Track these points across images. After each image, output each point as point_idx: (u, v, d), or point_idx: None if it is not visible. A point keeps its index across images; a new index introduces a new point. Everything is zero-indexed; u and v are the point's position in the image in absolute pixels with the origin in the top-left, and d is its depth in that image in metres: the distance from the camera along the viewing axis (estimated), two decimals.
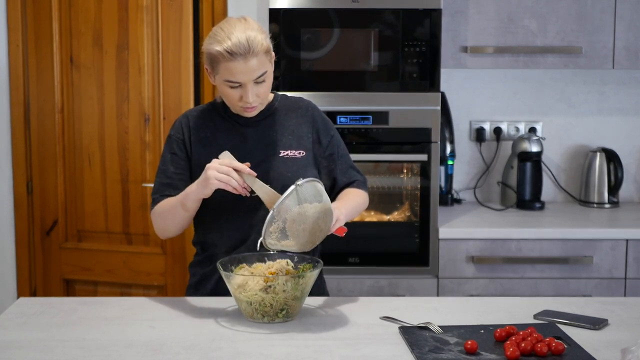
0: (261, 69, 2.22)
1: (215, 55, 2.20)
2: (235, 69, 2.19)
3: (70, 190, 3.59)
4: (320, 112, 2.45)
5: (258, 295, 2.08)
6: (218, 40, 2.20)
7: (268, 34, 2.26)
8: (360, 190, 2.45)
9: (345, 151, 2.48)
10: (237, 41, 2.17)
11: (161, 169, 2.37)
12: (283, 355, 1.90)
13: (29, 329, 2.07)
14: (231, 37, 2.18)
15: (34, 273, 3.68)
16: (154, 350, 1.93)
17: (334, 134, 2.44)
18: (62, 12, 3.51)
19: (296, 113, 2.41)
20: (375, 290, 3.31)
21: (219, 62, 2.20)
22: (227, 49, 2.17)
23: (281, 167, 2.33)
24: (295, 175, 2.29)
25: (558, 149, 3.89)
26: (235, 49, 2.17)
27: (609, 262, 3.30)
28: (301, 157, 2.36)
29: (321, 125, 2.42)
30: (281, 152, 2.35)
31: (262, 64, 2.21)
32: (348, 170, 2.46)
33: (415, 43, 3.24)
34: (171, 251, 3.51)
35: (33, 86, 3.59)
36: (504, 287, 3.31)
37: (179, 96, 3.44)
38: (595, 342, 1.99)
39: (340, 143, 2.46)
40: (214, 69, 2.24)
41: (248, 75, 2.20)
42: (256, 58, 2.19)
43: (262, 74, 2.22)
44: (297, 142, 2.37)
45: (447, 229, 3.31)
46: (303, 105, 2.43)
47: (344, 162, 2.45)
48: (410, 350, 1.93)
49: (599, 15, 3.46)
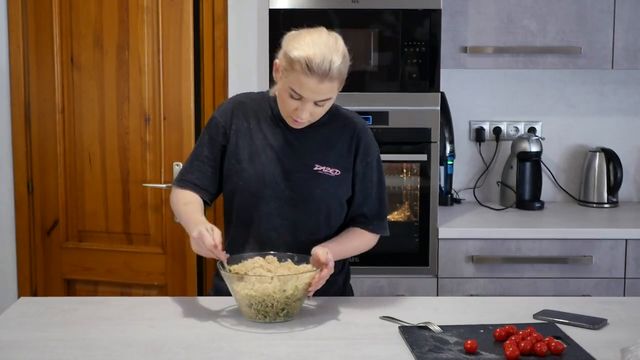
0: (329, 94, 2.17)
1: (293, 61, 2.13)
2: (305, 84, 2.13)
3: (71, 190, 3.59)
4: (368, 133, 2.37)
5: (258, 296, 2.08)
6: (302, 47, 2.12)
7: (349, 61, 2.20)
8: (367, 234, 2.37)
9: (380, 182, 2.38)
10: (320, 60, 2.11)
11: (196, 150, 2.35)
12: (283, 355, 1.91)
13: (30, 329, 2.07)
14: (315, 51, 2.11)
15: (34, 273, 3.68)
16: (154, 350, 1.93)
17: (371, 160, 2.36)
18: (62, 12, 3.51)
19: (343, 130, 2.34)
20: (375, 290, 3.31)
21: (293, 69, 2.13)
22: (308, 63, 2.11)
23: (311, 181, 2.29)
24: (325, 194, 2.28)
25: (557, 149, 3.90)
26: (316, 67, 2.10)
27: (609, 262, 3.31)
28: (335, 176, 2.30)
29: (362, 147, 2.34)
30: (316, 166, 2.30)
31: (331, 89, 2.17)
32: (373, 204, 2.37)
33: (415, 43, 3.24)
34: (171, 251, 3.52)
35: (34, 86, 3.59)
36: (504, 287, 3.31)
37: (179, 96, 3.44)
38: (594, 341, 1.99)
39: (376, 172, 2.37)
40: (285, 70, 2.16)
41: (314, 95, 2.15)
42: (330, 83, 2.14)
43: (326, 99, 2.18)
44: (335, 160, 2.31)
45: (446, 229, 3.31)
46: (352, 123, 2.36)
47: (372, 193, 2.37)
48: (410, 350, 1.93)
49: (598, 16, 3.46)
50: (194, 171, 2.33)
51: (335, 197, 2.32)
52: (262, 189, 2.28)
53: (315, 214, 2.30)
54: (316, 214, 2.30)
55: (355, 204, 2.36)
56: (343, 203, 2.35)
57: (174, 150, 3.45)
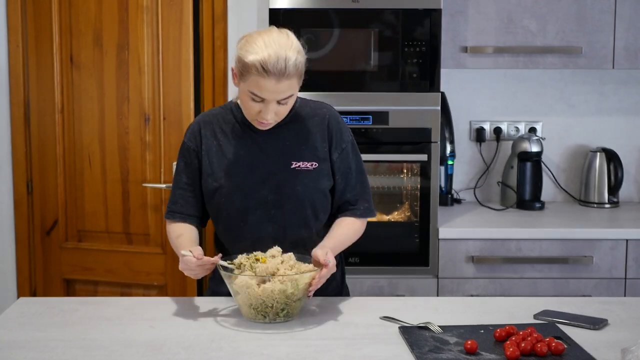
0: (289, 91, 2.16)
1: (248, 65, 2.12)
2: (264, 86, 2.12)
3: (71, 190, 3.59)
4: (338, 120, 2.36)
5: (258, 296, 2.08)
6: (255, 50, 2.11)
7: (305, 54, 2.18)
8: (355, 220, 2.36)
9: (358, 166, 2.37)
10: (274, 60, 2.09)
11: (175, 178, 2.37)
12: (283, 355, 1.91)
13: (29, 329, 2.07)
14: (269, 52, 2.10)
15: (34, 273, 3.68)
16: (154, 350, 1.93)
17: (346, 145, 2.35)
18: (62, 12, 3.51)
19: (312, 121, 2.33)
20: (375, 290, 3.31)
21: (250, 72, 2.12)
22: (262, 64, 2.09)
23: (291, 179, 2.28)
24: (306, 189, 2.28)
25: (558, 149, 3.89)
26: (271, 67, 2.09)
27: (609, 262, 3.30)
28: (313, 169, 2.30)
29: (335, 135, 2.33)
30: (293, 163, 2.29)
31: (291, 86, 2.15)
32: (354, 188, 2.36)
33: (415, 43, 3.24)
34: (171, 251, 3.51)
35: (33, 86, 3.59)
36: (504, 287, 3.31)
37: (179, 96, 3.44)
38: (595, 342, 1.99)
39: (353, 156, 2.36)
40: (242, 75, 2.16)
41: (274, 95, 2.14)
42: (288, 81, 2.13)
43: (287, 96, 2.17)
44: (311, 153, 2.31)
45: (447, 229, 3.31)
46: (321, 113, 2.34)
47: (352, 178, 2.36)
48: (410, 350, 1.93)
49: (599, 16, 3.46)
50: (177, 201, 2.35)
51: (317, 189, 2.31)
52: (245, 199, 2.29)
53: (302, 211, 2.30)
54: (303, 210, 2.30)
55: (338, 192, 2.36)
56: (327, 194, 2.35)
57: (173, 150, 3.44)
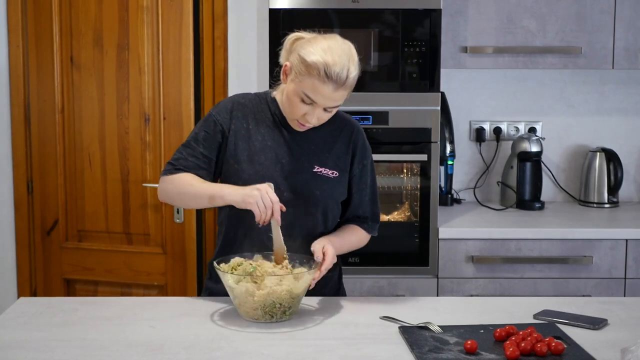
0: (340, 101, 2.18)
1: (310, 66, 2.11)
2: (321, 91, 2.12)
3: (71, 190, 3.59)
4: (363, 136, 2.39)
5: (257, 297, 2.08)
6: (321, 53, 2.11)
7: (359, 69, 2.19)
8: (361, 231, 2.40)
9: (373, 185, 2.42)
10: (340, 69, 2.10)
11: (191, 144, 2.31)
12: (283, 355, 1.91)
13: (29, 329, 2.07)
14: (336, 60, 2.10)
15: (34, 273, 3.68)
16: (154, 350, 1.93)
17: (367, 163, 2.39)
18: (62, 12, 3.51)
19: (340, 132, 2.35)
20: (375, 290, 3.31)
21: (310, 74, 2.11)
22: (326, 69, 2.09)
23: (311, 183, 2.30)
24: (323, 195, 2.30)
25: (558, 149, 3.89)
26: (334, 75, 2.10)
27: (609, 262, 3.30)
28: (334, 177, 2.32)
29: (359, 151, 2.36)
30: (315, 167, 2.31)
31: (343, 97, 2.18)
32: (367, 206, 2.40)
33: (415, 43, 3.24)
34: (171, 251, 3.51)
35: (33, 86, 3.59)
36: (504, 287, 3.31)
37: (179, 96, 3.44)
38: (594, 342, 1.99)
39: (371, 173, 2.41)
40: (299, 74, 2.14)
41: (327, 102, 2.15)
42: (344, 92, 2.15)
43: (336, 106, 2.19)
44: (333, 162, 2.33)
45: (447, 229, 3.31)
46: (349, 126, 2.37)
47: (367, 195, 2.40)
48: (410, 350, 1.93)
49: (599, 16, 3.46)
50: (185, 165, 2.29)
51: (333, 198, 2.34)
52: None
53: (313, 214, 2.32)
54: (314, 214, 2.32)
55: (352, 206, 2.40)
56: (339, 204, 2.38)
57: (174, 150, 3.38)
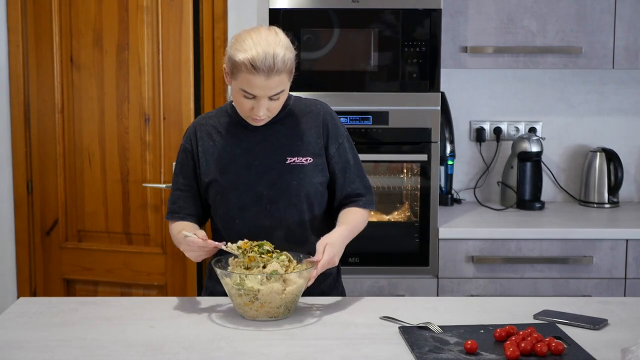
0: (279, 87, 2.19)
1: (238, 64, 2.15)
2: (254, 82, 2.15)
3: (71, 190, 3.59)
4: (333, 116, 2.40)
5: (257, 294, 2.08)
6: (244, 48, 2.15)
7: (294, 51, 2.22)
8: (359, 210, 2.39)
9: (355, 159, 2.41)
10: (263, 56, 2.13)
11: (174, 180, 2.44)
12: (283, 355, 1.91)
13: (29, 329, 2.07)
14: (258, 50, 2.14)
15: (34, 273, 3.68)
16: (154, 350, 1.93)
17: (343, 140, 2.38)
18: (62, 12, 3.51)
19: (307, 117, 2.36)
20: (375, 290, 3.31)
21: (240, 70, 2.16)
22: (251, 61, 2.13)
23: (287, 175, 2.31)
24: (301, 183, 2.31)
25: (558, 149, 3.89)
26: (260, 64, 2.13)
27: (609, 262, 3.30)
28: (308, 164, 2.33)
29: (331, 130, 2.37)
30: (288, 158, 2.32)
31: (281, 82, 2.18)
32: (353, 182, 2.39)
33: (415, 43, 3.24)
34: (171, 251, 3.51)
35: (33, 86, 3.59)
36: (504, 287, 3.31)
37: (179, 96, 3.44)
38: (595, 342, 1.99)
39: (350, 151, 2.40)
40: (233, 74, 2.20)
41: (265, 91, 2.18)
42: (278, 77, 2.16)
43: (279, 92, 2.20)
44: (305, 149, 2.34)
45: (447, 229, 3.31)
46: (315, 110, 2.38)
47: (351, 172, 2.39)
48: (410, 350, 1.93)
49: (599, 16, 3.46)
50: (175, 201, 2.40)
51: (312, 184, 2.34)
52: (241, 195, 2.31)
53: (297, 205, 2.33)
54: (298, 204, 2.33)
55: (339, 187, 2.39)
56: (324, 188, 2.38)
57: (173, 150, 3.44)
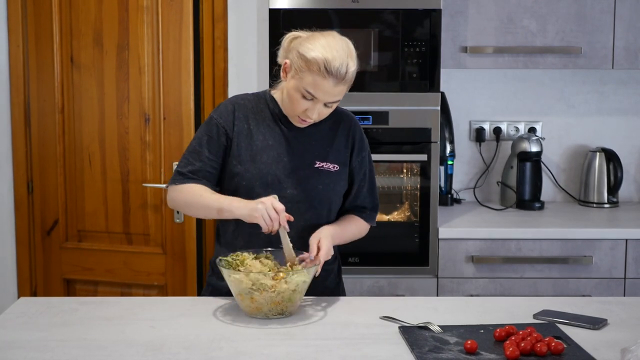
0: (340, 96, 2.22)
1: (310, 62, 2.15)
2: (322, 86, 2.16)
3: (71, 190, 3.59)
4: (360, 129, 2.44)
5: (262, 294, 2.09)
6: (320, 49, 2.16)
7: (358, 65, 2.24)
8: (361, 221, 2.44)
9: (372, 173, 2.46)
10: (339, 64, 2.15)
11: (196, 150, 2.32)
12: (283, 355, 1.91)
13: (29, 329, 2.07)
14: (335, 56, 2.15)
15: (34, 273, 3.68)
16: (154, 350, 1.93)
17: (365, 154, 2.43)
18: (62, 12, 3.51)
19: (338, 126, 2.39)
20: (375, 290, 3.31)
21: (310, 70, 2.16)
22: (326, 65, 2.14)
23: (313, 178, 2.33)
24: (326, 189, 2.33)
25: (558, 149, 3.89)
26: (334, 70, 2.15)
27: (609, 262, 3.30)
28: (335, 171, 2.35)
29: (358, 142, 2.41)
30: (317, 163, 2.34)
31: (343, 92, 2.22)
32: (365, 196, 2.44)
33: (415, 43, 3.24)
34: (171, 251, 3.51)
35: (33, 86, 3.59)
36: (504, 287, 3.31)
37: (179, 96, 3.44)
38: (594, 341, 1.99)
39: (369, 164, 2.45)
40: (299, 71, 2.18)
41: (328, 97, 2.19)
42: (344, 86, 2.20)
43: (337, 101, 2.23)
44: (334, 156, 2.36)
45: (447, 229, 3.31)
46: (347, 119, 2.42)
47: (365, 186, 2.43)
48: (410, 350, 1.93)
49: (599, 16, 3.46)
50: (193, 172, 2.31)
51: (335, 191, 2.37)
52: (265, 189, 2.29)
53: (317, 209, 2.34)
54: (318, 208, 2.34)
55: (351, 198, 2.43)
56: (341, 197, 2.41)
57: (173, 150, 3.44)
